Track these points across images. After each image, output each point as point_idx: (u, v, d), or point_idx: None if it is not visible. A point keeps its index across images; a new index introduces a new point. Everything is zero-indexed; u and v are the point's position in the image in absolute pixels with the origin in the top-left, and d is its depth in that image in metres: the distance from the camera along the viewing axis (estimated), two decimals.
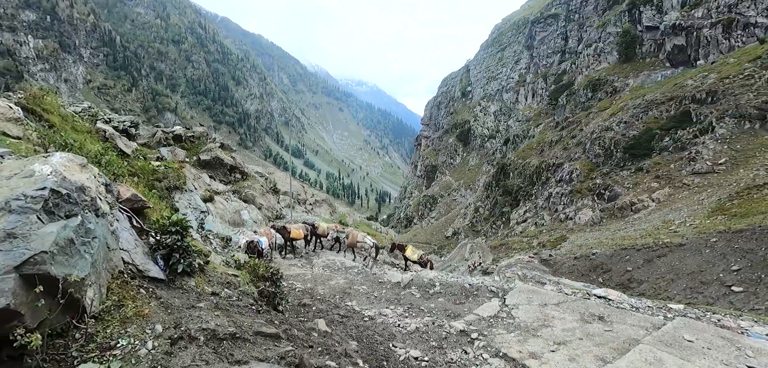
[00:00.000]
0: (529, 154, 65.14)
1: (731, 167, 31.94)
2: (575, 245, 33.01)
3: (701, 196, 30.70)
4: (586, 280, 26.85)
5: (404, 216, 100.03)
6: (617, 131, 47.33)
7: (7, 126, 8.07)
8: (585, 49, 76.93)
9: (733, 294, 18.81)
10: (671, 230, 26.74)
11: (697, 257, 21.94)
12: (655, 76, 56.03)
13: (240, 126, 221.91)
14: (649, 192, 36.35)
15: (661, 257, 23.81)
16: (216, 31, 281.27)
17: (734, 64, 41.34)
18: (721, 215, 25.39)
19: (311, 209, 23.40)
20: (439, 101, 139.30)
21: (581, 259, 29.03)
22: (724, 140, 35.02)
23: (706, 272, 20.68)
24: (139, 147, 14.93)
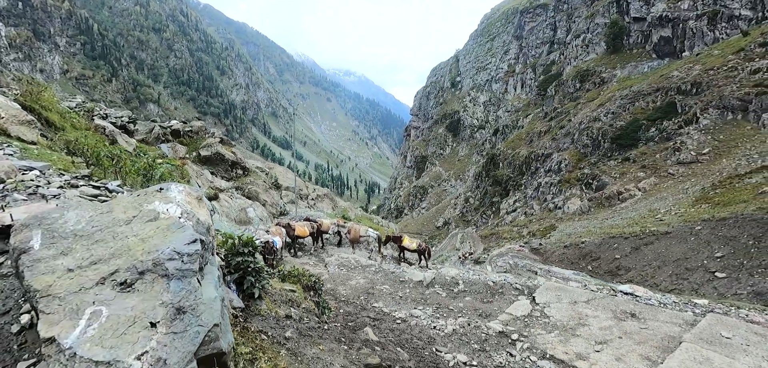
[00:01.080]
0: (518, 144, 65.79)
1: (714, 156, 32.86)
2: (564, 234, 33.61)
3: (686, 185, 31.54)
4: (575, 268, 27.42)
5: (395, 207, 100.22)
6: (605, 121, 48.09)
7: (21, 130, 7.69)
8: (573, 40, 77.59)
9: (717, 279, 19.46)
10: (657, 218, 27.43)
11: (683, 244, 22.57)
12: (642, 67, 56.98)
13: (226, 117, 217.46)
14: (635, 182, 37.18)
15: (648, 244, 24.43)
16: (198, 19, 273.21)
17: (718, 56, 42.31)
18: (705, 204, 26.14)
19: (313, 205, 23.07)
20: (429, 91, 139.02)
21: (571, 248, 29.59)
22: (707, 131, 35.95)
23: (691, 259, 21.32)
24: (138, 144, 14.42)
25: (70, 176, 6.19)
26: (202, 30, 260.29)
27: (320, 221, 14.58)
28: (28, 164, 5.97)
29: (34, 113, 9.10)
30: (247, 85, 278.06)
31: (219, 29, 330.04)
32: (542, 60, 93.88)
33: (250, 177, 19.02)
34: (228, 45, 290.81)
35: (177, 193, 3.27)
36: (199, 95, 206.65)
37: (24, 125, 7.81)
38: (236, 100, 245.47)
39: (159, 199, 3.13)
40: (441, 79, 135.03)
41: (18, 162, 5.90)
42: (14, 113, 7.79)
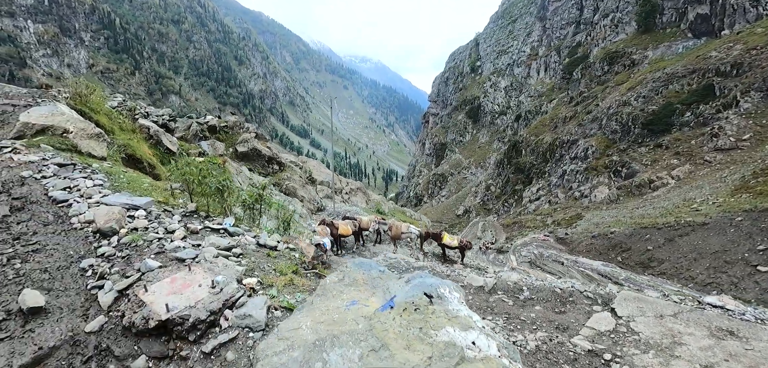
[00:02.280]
0: (541, 130, 64.14)
1: (756, 142, 31.14)
2: (591, 224, 32.87)
3: (724, 173, 30.10)
4: (604, 259, 26.90)
5: (414, 195, 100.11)
6: (635, 106, 46.18)
7: (91, 145, 7.80)
8: (601, 20, 74.24)
9: (759, 273, 18.70)
10: (693, 208, 26.40)
11: (721, 236, 21.71)
12: (676, 48, 54.08)
13: (245, 107, 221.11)
14: (668, 169, 35.74)
15: (683, 236, 23.62)
16: (215, 10, 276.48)
17: (762, 35, 39.62)
18: (745, 193, 24.94)
19: (348, 199, 23.34)
20: (447, 77, 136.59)
21: (599, 238, 28.96)
22: (748, 115, 34.01)
23: (731, 252, 20.51)
24: (179, 142, 14.92)
25: (180, 214, 5.93)
26: (219, 20, 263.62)
27: (360, 219, 14.68)
28: (128, 200, 5.74)
29: (86, 117, 9.35)
30: (265, 75, 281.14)
31: (235, 19, 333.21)
32: (567, 42, 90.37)
33: (286, 173, 19.35)
34: (245, 35, 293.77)
35: (463, 307, 2.24)
36: (218, 86, 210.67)
37: (93, 139, 7.99)
38: (254, 89, 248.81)
39: (450, 322, 2.23)
40: (460, 64, 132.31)
41: (116, 198, 5.76)
42: (82, 127, 8.07)
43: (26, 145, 7.25)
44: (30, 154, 7.00)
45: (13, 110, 8.81)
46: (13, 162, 6.47)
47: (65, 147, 7.58)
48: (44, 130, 7.75)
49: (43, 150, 7.31)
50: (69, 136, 7.80)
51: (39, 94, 10.03)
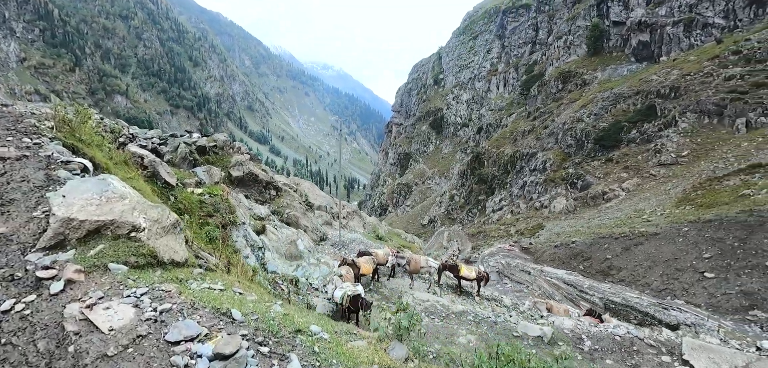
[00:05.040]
0: (502, 143, 66.76)
1: (693, 159, 34.37)
2: (553, 234, 34.28)
3: (667, 186, 32.82)
4: (567, 267, 27.94)
5: (378, 204, 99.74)
6: (588, 122, 49.44)
7: (169, 244, 5.37)
8: (555, 41, 79.41)
9: (706, 280, 20.22)
10: (644, 219, 28.34)
11: (672, 245, 23.36)
12: (622, 70, 58.98)
13: (199, 110, 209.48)
14: (619, 182, 38.42)
15: (638, 245, 25.16)
16: (169, 7, 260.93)
17: (694, 62, 44.29)
18: (688, 205, 27.21)
19: (346, 224, 21.85)
20: (411, 88, 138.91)
21: (561, 247, 30.15)
22: (686, 134, 37.58)
23: (681, 260, 22.08)
24: (176, 172, 12.79)
25: None
26: (173, 18, 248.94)
27: (376, 253, 13.55)
28: None
29: (78, 153, 7.05)
30: (222, 78, 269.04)
31: (191, 18, 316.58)
32: (525, 60, 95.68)
33: (284, 198, 17.49)
34: (201, 35, 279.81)
35: None
36: (170, 87, 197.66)
37: (170, 233, 5.43)
38: (210, 93, 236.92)
39: None
40: (423, 76, 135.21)
41: None
42: (155, 216, 5.34)
43: (86, 268, 4.20)
44: (113, 299, 3.80)
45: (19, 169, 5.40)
46: (97, 327, 3.36)
47: (144, 262, 4.82)
48: (99, 230, 4.82)
49: (121, 281, 4.19)
50: (141, 235, 5.04)
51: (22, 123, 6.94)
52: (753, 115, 33.78)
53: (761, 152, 29.83)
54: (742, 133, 33.43)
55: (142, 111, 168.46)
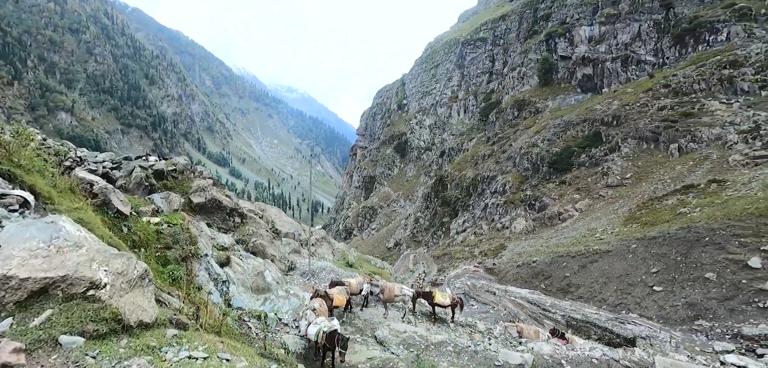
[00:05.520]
0: (464, 166, 68.82)
1: (636, 180, 37.26)
2: (515, 254, 35.20)
3: (615, 206, 35.14)
4: (529, 286, 28.53)
5: (343, 228, 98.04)
6: (542, 147, 52.41)
7: (136, 302, 4.38)
8: (510, 72, 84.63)
9: (656, 293, 21.40)
10: (597, 237, 29.91)
11: (623, 261, 24.69)
12: (570, 100, 63.75)
13: (154, 130, 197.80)
14: (572, 203, 40.62)
15: (593, 262, 26.35)
16: (126, 23, 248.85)
17: (632, 94, 48.87)
18: (634, 223, 29.16)
19: (315, 251, 20.47)
20: (375, 112, 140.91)
21: (523, 267, 30.91)
22: (628, 158, 40.85)
23: (632, 275, 23.32)
24: (129, 199, 11.30)
25: None
26: (129, 35, 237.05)
27: (349, 283, 12.72)
28: None
29: (15, 182, 5.92)
30: (180, 97, 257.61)
31: (149, 36, 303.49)
32: (483, 88, 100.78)
33: (249, 226, 16.06)
34: (159, 53, 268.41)
35: None
36: (122, 105, 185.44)
37: (137, 288, 4.44)
38: (167, 112, 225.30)
39: None
40: (387, 101, 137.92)
41: None
42: (120, 269, 4.30)
43: (29, 344, 3.25)
44: None
45: None
46: None
47: (106, 328, 3.83)
48: (47, 289, 3.79)
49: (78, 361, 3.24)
50: (102, 293, 4.06)
51: None
52: (683, 141, 37.49)
53: (692, 174, 32.93)
54: (675, 157, 36.87)
55: (88, 130, 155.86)
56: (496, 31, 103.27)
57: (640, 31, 58.64)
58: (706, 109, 39.41)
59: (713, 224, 21.79)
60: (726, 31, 48.44)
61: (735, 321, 15.08)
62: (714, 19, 49.99)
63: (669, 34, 55.01)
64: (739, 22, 47.59)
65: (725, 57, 43.48)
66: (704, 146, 36.07)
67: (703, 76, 43.25)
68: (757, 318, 14.54)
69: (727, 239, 19.87)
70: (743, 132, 34.18)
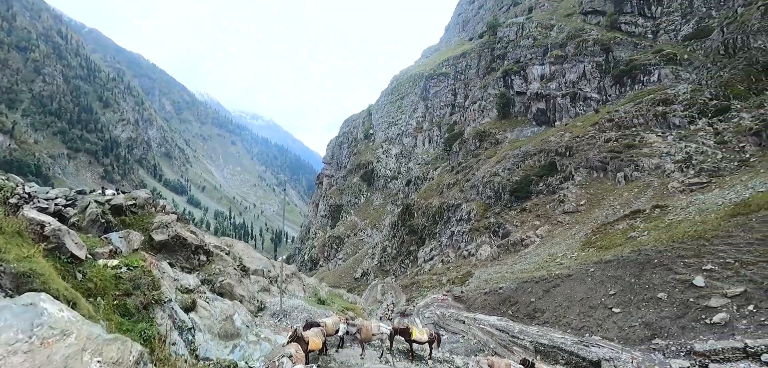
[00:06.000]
0: (430, 195, 69.97)
1: (590, 207, 39.61)
2: (482, 280, 35.60)
3: (573, 231, 36.94)
4: (497, 313, 28.73)
5: (309, 258, 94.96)
6: (503, 176, 54.67)
7: None
8: (471, 105, 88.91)
9: (615, 314, 22.25)
10: (557, 262, 31.05)
11: (583, 285, 25.64)
12: (526, 132, 67.70)
13: (105, 156, 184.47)
14: (533, 229, 42.23)
15: (556, 287, 27.15)
16: (81, 44, 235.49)
17: (581, 127, 52.83)
18: (591, 248, 30.67)
19: (285, 288, 19.09)
20: (342, 141, 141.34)
21: (491, 294, 31.22)
22: (581, 185, 43.56)
23: (592, 298, 24.20)
24: (84, 239, 9.91)
25: None
26: (84, 55, 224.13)
27: (325, 324, 11.84)
28: None
29: None
30: (137, 122, 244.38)
31: (107, 57, 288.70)
32: (446, 120, 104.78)
33: (216, 264, 14.60)
34: (116, 75, 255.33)
35: None
36: (71, 128, 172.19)
37: None
38: (121, 136, 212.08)
39: None
40: (354, 131, 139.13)
41: None
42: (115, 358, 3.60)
43: None
44: None
45: None
46: None
47: None
48: None
49: None
50: None
51: None
52: (628, 170, 40.70)
53: (638, 199, 35.57)
54: (622, 184, 39.82)
55: (28, 153, 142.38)
56: (457, 66, 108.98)
57: (585, 71, 64.35)
58: (645, 141, 43.33)
59: (660, 247, 23.35)
60: (657, 73, 54.35)
61: (687, 338, 15.95)
62: (646, 63, 56.04)
63: (609, 74, 60.81)
64: (667, 65, 53.68)
65: (658, 95, 48.52)
66: (646, 174, 39.36)
67: (641, 112, 47.85)
68: (706, 334, 15.47)
69: (673, 261, 21.30)
70: (678, 162, 37.80)
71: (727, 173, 32.84)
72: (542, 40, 76.37)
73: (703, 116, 42.67)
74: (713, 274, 18.80)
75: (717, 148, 36.72)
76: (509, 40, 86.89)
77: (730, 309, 16.16)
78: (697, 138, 39.95)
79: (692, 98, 45.19)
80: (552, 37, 74.56)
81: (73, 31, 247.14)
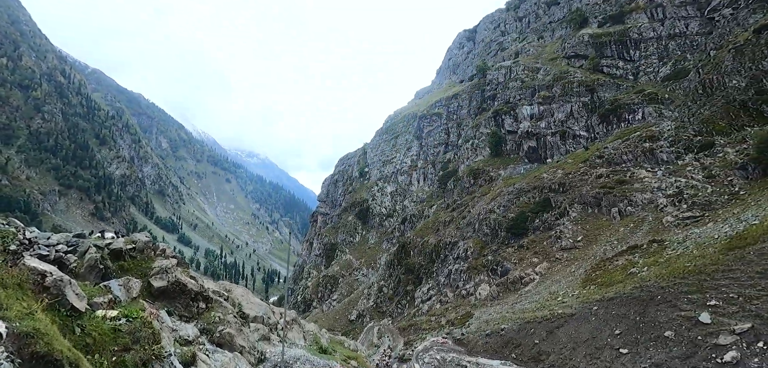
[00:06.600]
0: (426, 233, 69.47)
1: (587, 243, 39.51)
2: (483, 322, 34.59)
3: (572, 268, 36.56)
4: (500, 357, 27.68)
5: (302, 299, 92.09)
6: (499, 213, 54.76)
7: None
8: (464, 144, 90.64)
9: (623, 356, 21.51)
10: (559, 301, 30.44)
11: (587, 325, 24.98)
12: (519, 169, 68.69)
13: (97, 193, 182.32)
14: (532, 266, 41.75)
15: (560, 327, 26.41)
16: (83, 83, 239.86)
17: (572, 164, 53.81)
18: (592, 285, 30.24)
19: (285, 336, 18.28)
20: (337, 179, 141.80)
21: (493, 336, 30.23)
22: (577, 222, 43.68)
23: (598, 339, 23.49)
24: (83, 287, 9.47)
25: None
26: (85, 94, 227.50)
27: None
28: None
29: None
30: (133, 159, 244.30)
31: (107, 96, 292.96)
32: (440, 158, 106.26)
33: (215, 311, 13.87)
34: (115, 113, 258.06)
35: None
36: (65, 165, 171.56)
37: None
38: (115, 173, 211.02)
39: None
40: (349, 169, 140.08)
41: None
42: None
43: None
44: None
45: None
46: None
47: None
48: None
49: None
50: None
51: None
52: (622, 205, 41.08)
53: (634, 235, 35.62)
54: (617, 220, 40.02)
55: (19, 190, 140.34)
56: (449, 107, 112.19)
57: (572, 110, 66.58)
58: (635, 176, 44.12)
59: (662, 283, 23.09)
60: (641, 111, 56.35)
61: None
62: (630, 102, 58.23)
63: (596, 113, 62.93)
64: (650, 104, 55.80)
65: (644, 132, 50.02)
66: (640, 209, 39.72)
67: (629, 148, 49.08)
68: None
69: (676, 297, 21.00)
70: (670, 196, 38.33)
71: (719, 207, 33.29)
72: (529, 82, 79.47)
73: (690, 151, 43.88)
74: (718, 310, 18.50)
75: (706, 182, 37.46)
76: (498, 82, 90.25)
77: (739, 347, 15.76)
78: (685, 173, 40.82)
79: (677, 134, 46.66)
80: (539, 79, 77.66)
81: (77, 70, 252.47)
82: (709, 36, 58.58)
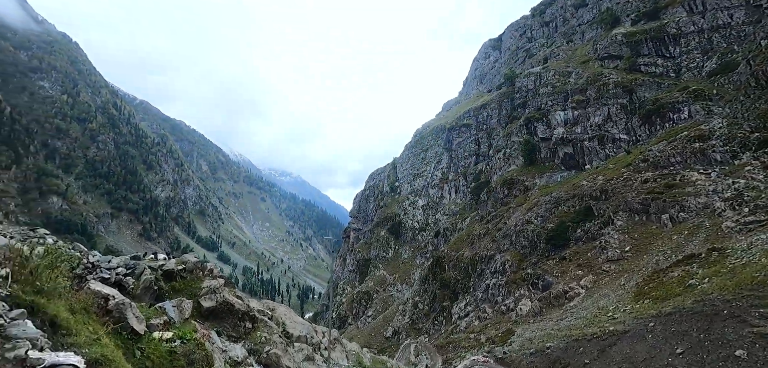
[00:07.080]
0: (461, 246, 68.18)
1: (636, 253, 37.13)
2: (525, 339, 33.21)
3: (621, 280, 34.43)
4: None
5: (336, 315, 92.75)
6: (537, 224, 52.84)
7: None
8: (496, 154, 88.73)
9: None
10: (609, 316, 28.71)
11: (644, 343, 23.35)
12: (556, 177, 66.13)
13: (145, 214, 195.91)
14: (576, 280, 39.75)
15: (612, 346, 24.85)
16: (132, 114, 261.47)
17: (614, 170, 51.13)
18: (646, 299, 28.29)
19: (328, 356, 18.87)
20: (368, 195, 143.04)
21: (537, 355, 28.92)
22: (623, 230, 41.23)
23: (657, 358, 21.86)
24: (141, 308, 10.33)
25: None
26: (133, 124, 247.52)
27: None
28: None
29: (37, 314, 5.17)
30: (176, 182, 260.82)
31: (153, 125, 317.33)
32: (471, 169, 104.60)
33: (261, 331, 14.39)
34: (160, 140, 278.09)
35: None
36: (116, 189, 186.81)
37: None
38: (161, 196, 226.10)
39: None
40: (380, 184, 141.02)
41: None
42: None
43: None
44: None
45: None
46: None
47: None
48: None
49: None
50: None
51: None
52: (673, 211, 38.35)
53: (690, 243, 33.09)
54: (669, 227, 37.37)
55: (77, 214, 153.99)
56: (478, 117, 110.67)
57: (610, 113, 63.50)
58: (686, 179, 41.13)
59: (727, 296, 21.28)
60: (687, 110, 52.73)
61: None
62: (674, 101, 54.69)
63: (636, 115, 59.61)
64: (696, 101, 52.13)
65: (692, 132, 46.72)
66: (694, 215, 36.88)
67: (677, 150, 45.96)
68: None
69: (746, 311, 19.26)
70: (728, 199, 35.34)
71: None
72: (561, 86, 76.96)
73: (747, 149, 40.42)
74: None
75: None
76: (528, 89, 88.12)
77: None
78: (744, 173, 37.57)
79: (730, 132, 43.22)
80: (571, 83, 75.04)
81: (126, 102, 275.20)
82: (759, 25, 54.29)
